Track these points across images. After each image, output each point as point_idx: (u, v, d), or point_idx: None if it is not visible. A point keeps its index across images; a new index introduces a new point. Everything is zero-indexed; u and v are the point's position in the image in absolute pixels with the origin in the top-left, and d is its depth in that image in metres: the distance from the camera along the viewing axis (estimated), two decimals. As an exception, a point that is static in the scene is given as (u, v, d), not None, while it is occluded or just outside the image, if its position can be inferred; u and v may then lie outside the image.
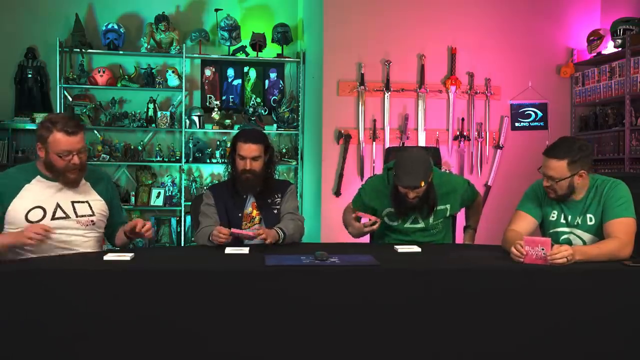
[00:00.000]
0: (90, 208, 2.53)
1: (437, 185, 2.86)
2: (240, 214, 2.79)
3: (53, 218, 2.41)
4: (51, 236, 2.35)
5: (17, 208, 2.39)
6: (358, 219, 2.83)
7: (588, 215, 2.50)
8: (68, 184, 2.48)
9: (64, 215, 2.44)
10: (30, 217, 2.38)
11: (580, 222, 2.52)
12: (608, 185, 2.48)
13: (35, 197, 2.42)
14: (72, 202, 2.48)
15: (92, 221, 2.51)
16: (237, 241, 2.64)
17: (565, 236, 2.54)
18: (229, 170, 2.87)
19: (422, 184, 2.70)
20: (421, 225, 2.93)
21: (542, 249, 2.16)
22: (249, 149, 2.73)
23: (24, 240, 2.28)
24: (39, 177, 2.47)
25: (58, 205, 2.44)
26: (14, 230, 2.37)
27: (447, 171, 3.90)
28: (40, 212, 2.40)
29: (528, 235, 2.37)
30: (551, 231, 2.58)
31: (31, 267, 2.13)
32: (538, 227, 2.66)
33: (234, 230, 2.55)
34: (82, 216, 2.49)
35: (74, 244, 2.45)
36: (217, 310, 2.02)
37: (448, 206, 2.94)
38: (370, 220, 2.78)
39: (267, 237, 2.52)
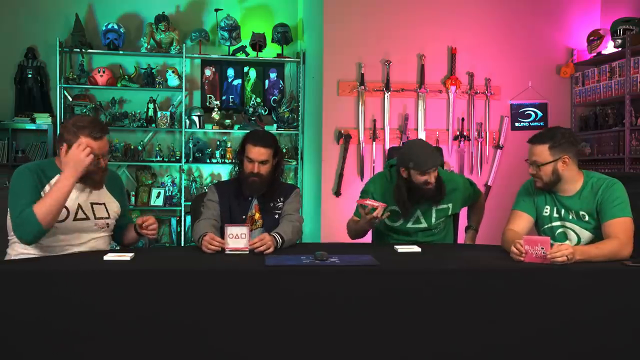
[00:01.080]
0: (107, 210, 2.55)
1: None
2: (244, 217, 2.75)
3: (75, 219, 2.42)
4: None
5: None
6: (364, 207, 2.66)
7: (581, 213, 2.50)
8: (93, 185, 2.48)
9: (85, 217, 2.46)
10: None
11: (574, 218, 2.52)
12: (604, 185, 2.48)
13: None
14: (92, 204, 2.50)
15: (107, 223, 2.54)
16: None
17: (560, 230, 2.54)
18: (236, 170, 2.83)
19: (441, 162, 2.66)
20: (424, 225, 2.92)
21: (542, 248, 2.16)
22: (258, 153, 2.67)
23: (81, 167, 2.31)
24: (59, 175, 2.45)
25: (79, 207, 2.45)
26: None
27: (450, 170, 3.89)
28: (64, 212, 2.39)
29: (527, 233, 2.37)
30: (546, 227, 2.58)
31: (31, 268, 2.13)
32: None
33: (227, 225, 2.42)
34: (100, 218, 2.50)
35: (89, 244, 2.47)
36: (217, 311, 2.01)
37: (450, 205, 2.94)
38: (374, 207, 2.61)
39: (264, 248, 2.40)
